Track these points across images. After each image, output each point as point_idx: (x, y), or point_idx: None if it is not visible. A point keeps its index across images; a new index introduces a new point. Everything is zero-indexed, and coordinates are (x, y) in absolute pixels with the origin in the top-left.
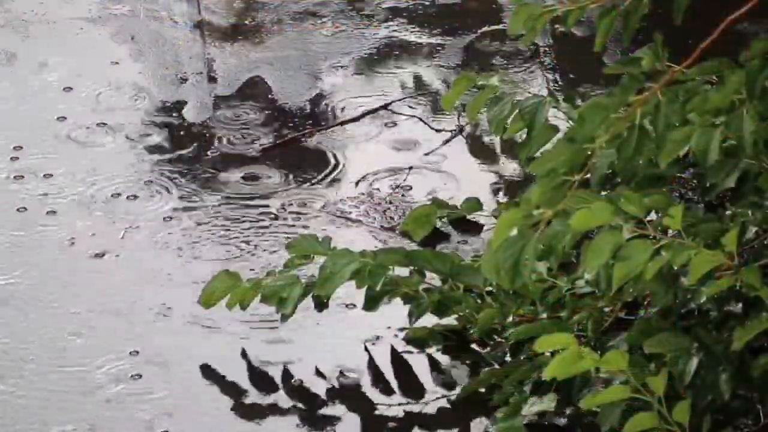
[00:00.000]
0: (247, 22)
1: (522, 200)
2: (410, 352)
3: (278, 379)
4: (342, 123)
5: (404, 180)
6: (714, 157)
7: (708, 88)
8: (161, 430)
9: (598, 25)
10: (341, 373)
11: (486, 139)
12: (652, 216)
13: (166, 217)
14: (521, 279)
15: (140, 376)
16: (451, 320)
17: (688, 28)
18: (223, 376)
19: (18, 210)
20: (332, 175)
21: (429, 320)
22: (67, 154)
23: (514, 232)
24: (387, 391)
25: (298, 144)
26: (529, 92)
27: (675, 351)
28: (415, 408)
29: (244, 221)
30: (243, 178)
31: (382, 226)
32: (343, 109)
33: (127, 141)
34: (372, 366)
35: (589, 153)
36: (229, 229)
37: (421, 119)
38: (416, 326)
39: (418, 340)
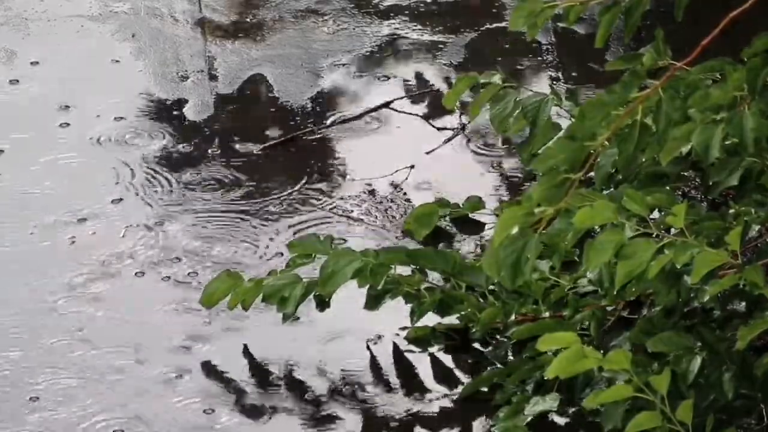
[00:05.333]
0: (248, 19)
1: (523, 198)
2: (412, 351)
3: (280, 378)
4: (343, 121)
5: (406, 179)
6: (715, 154)
7: (709, 84)
8: (161, 430)
9: (599, 21)
10: (343, 372)
11: (488, 137)
12: (655, 214)
13: (167, 215)
14: (522, 277)
15: (143, 381)
16: (453, 319)
17: (689, 25)
18: (224, 375)
19: (21, 208)
20: (333, 174)
21: (431, 319)
22: (67, 152)
23: (515, 230)
24: (389, 390)
25: (299, 142)
26: (531, 90)
27: (678, 350)
28: (417, 407)
29: (244, 220)
30: (244, 176)
31: (383, 225)
32: (344, 107)
33: (128, 139)
34: (374, 365)
35: (591, 151)
36: (229, 228)
37: (422, 118)
38: (418, 325)
39: (420, 339)
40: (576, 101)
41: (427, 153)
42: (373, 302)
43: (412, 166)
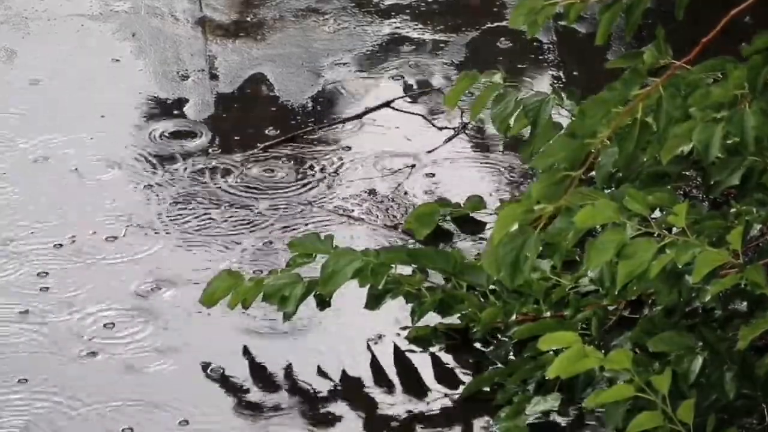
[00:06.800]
0: (248, 18)
1: (523, 196)
2: (413, 351)
3: (280, 378)
4: (344, 120)
5: (407, 178)
6: (715, 153)
7: (710, 83)
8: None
9: (599, 19)
10: (343, 372)
11: (489, 136)
12: (656, 214)
13: (168, 214)
14: (522, 275)
15: (142, 380)
16: (453, 319)
17: (690, 25)
18: (225, 375)
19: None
20: (334, 173)
21: (432, 319)
22: (68, 151)
23: (515, 227)
24: (389, 390)
25: (299, 141)
26: (532, 90)
27: (679, 350)
28: (418, 407)
29: (245, 219)
30: (244, 175)
31: (384, 225)
32: (344, 106)
33: (128, 139)
34: (374, 365)
35: (591, 150)
36: (230, 227)
37: (423, 117)
38: (419, 325)
39: (421, 338)
40: (577, 100)
41: (428, 152)
42: (373, 302)
43: (413, 166)
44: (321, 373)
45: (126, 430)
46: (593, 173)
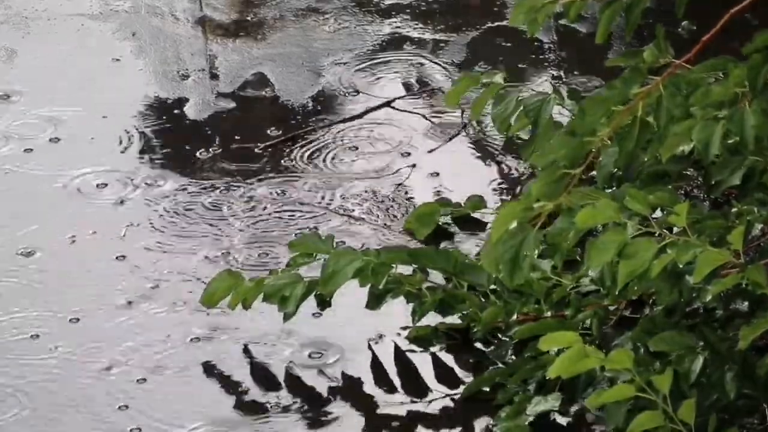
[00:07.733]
0: (249, 18)
1: (523, 194)
2: (413, 351)
3: (281, 378)
4: (344, 120)
5: (407, 178)
6: (715, 151)
7: (711, 81)
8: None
9: (599, 18)
10: (344, 372)
11: (489, 136)
12: (657, 214)
13: (167, 214)
14: (521, 272)
15: (144, 380)
16: (454, 319)
17: (691, 23)
18: (225, 374)
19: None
20: (334, 173)
21: (432, 319)
22: (69, 150)
23: (514, 225)
24: (390, 389)
25: (300, 141)
26: (533, 89)
27: (680, 349)
28: (418, 407)
29: (245, 219)
30: (245, 175)
31: (385, 224)
32: (345, 105)
33: (128, 139)
34: (375, 364)
35: (592, 149)
36: (230, 226)
37: (424, 116)
38: (419, 325)
39: (422, 338)
40: (578, 100)
41: (429, 152)
42: (374, 302)
43: (414, 165)
44: (321, 373)
45: (134, 430)
46: (594, 173)
